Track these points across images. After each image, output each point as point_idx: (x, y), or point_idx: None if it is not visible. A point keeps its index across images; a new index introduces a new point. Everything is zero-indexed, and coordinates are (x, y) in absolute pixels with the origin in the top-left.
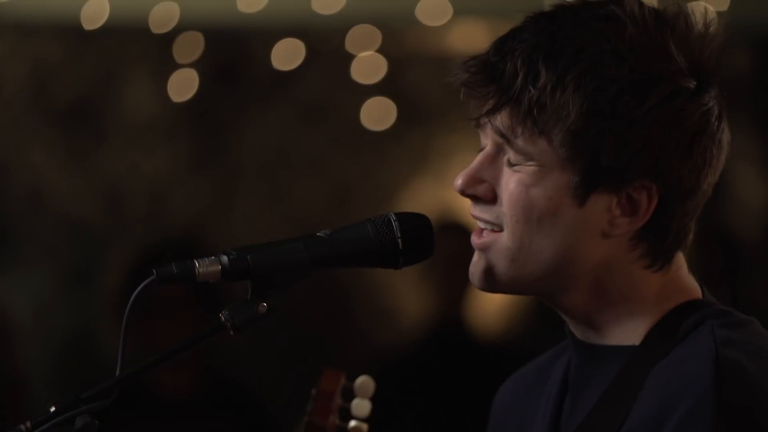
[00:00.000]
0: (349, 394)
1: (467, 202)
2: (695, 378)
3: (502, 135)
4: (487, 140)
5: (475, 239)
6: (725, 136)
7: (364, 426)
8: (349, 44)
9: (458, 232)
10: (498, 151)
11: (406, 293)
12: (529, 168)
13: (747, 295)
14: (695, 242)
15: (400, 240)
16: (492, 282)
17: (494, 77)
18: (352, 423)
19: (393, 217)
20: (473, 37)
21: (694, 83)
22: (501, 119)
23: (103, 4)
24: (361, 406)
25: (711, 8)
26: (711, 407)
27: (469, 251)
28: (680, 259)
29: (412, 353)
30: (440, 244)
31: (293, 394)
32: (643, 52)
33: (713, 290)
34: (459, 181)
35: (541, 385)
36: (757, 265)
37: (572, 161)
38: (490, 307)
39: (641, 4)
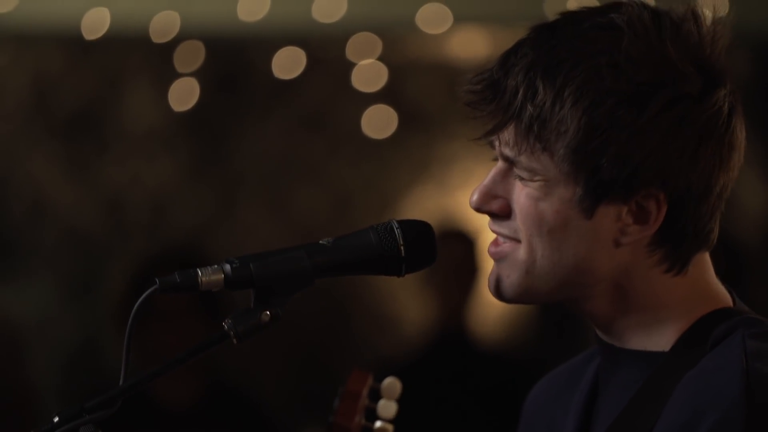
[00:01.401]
0: (375, 395)
1: (468, 209)
2: (724, 390)
3: (509, 152)
4: (499, 156)
5: (491, 249)
6: (737, 134)
7: (390, 427)
8: (350, 52)
9: (460, 239)
10: (509, 166)
11: (408, 300)
12: (536, 183)
13: (750, 300)
14: None
15: (402, 247)
16: (508, 292)
17: (497, 95)
18: (378, 424)
19: (395, 225)
20: (473, 44)
21: (700, 86)
22: (506, 136)
23: (103, 14)
24: (388, 407)
25: (709, 14)
26: (740, 420)
27: (470, 258)
28: (705, 263)
29: (414, 360)
30: (443, 251)
31: (295, 402)
32: (641, 61)
33: None
34: (474, 198)
35: (572, 387)
36: (759, 269)
37: (575, 176)
38: (492, 314)
39: (643, 9)
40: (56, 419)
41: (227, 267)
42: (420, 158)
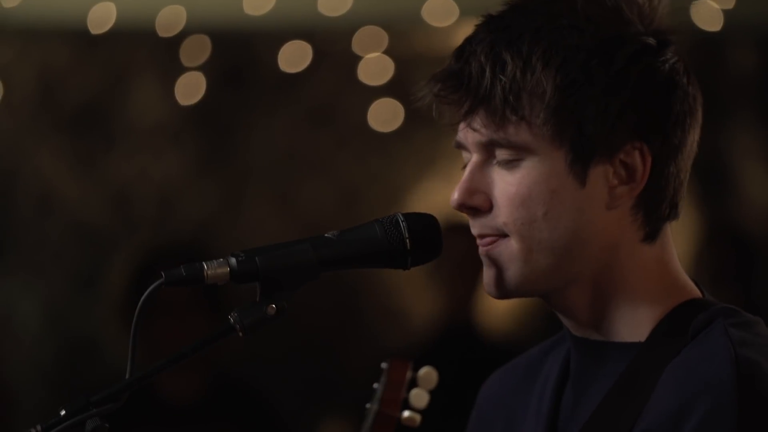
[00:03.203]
0: (410, 384)
1: None
2: (715, 378)
3: (483, 136)
4: (472, 152)
5: (482, 249)
6: (698, 91)
7: (418, 417)
8: (356, 46)
9: (466, 233)
10: (486, 157)
11: (415, 294)
12: (523, 162)
13: (759, 293)
14: (706, 241)
15: (408, 240)
16: (507, 288)
17: (462, 81)
18: (406, 413)
19: (401, 218)
20: None
21: (654, 42)
22: (479, 120)
23: (109, 8)
24: (420, 396)
25: (717, 6)
26: (733, 407)
27: (477, 251)
28: (670, 245)
29: (421, 354)
30: (448, 244)
31: (302, 396)
32: (599, 20)
33: (725, 289)
34: (455, 196)
35: (531, 379)
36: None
37: (559, 138)
38: (499, 307)
39: None
40: (63, 412)
41: (233, 260)
42: (426, 152)
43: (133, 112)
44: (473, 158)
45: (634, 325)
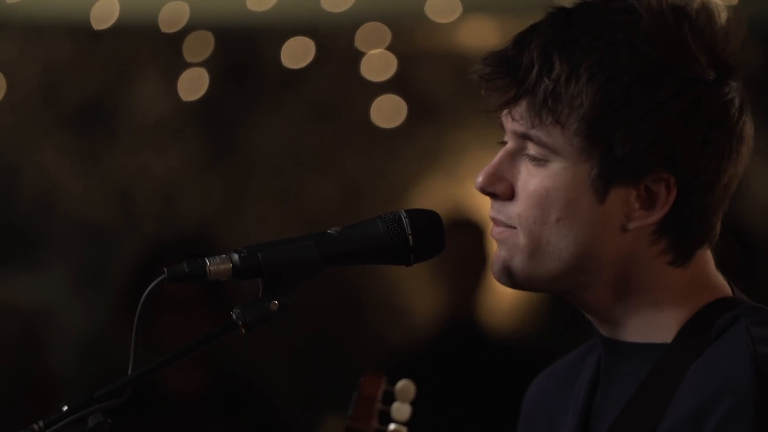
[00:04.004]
0: (389, 397)
1: (478, 199)
2: (734, 377)
3: (520, 127)
4: (508, 139)
5: (494, 230)
6: (747, 128)
7: (403, 429)
8: (359, 42)
9: (469, 229)
10: (518, 147)
11: (418, 291)
12: (549, 164)
13: (764, 289)
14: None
15: (410, 236)
16: (511, 276)
17: (511, 70)
18: (392, 426)
19: (403, 214)
20: (483, 34)
21: (713, 75)
22: (519, 111)
23: (112, 3)
24: (402, 410)
25: (720, 2)
26: (751, 406)
27: (480, 248)
28: (706, 256)
29: (423, 351)
30: (451, 241)
31: (304, 393)
32: (658, 43)
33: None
34: (479, 179)
35: (571, 382)
36: None
37: (588, 152)
38: (501, 305)
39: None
40: (65, 408)
41: (235, 256)
42: (429, 148)
43: (136, 107)
44: (507, 145)
45: (659, 326)
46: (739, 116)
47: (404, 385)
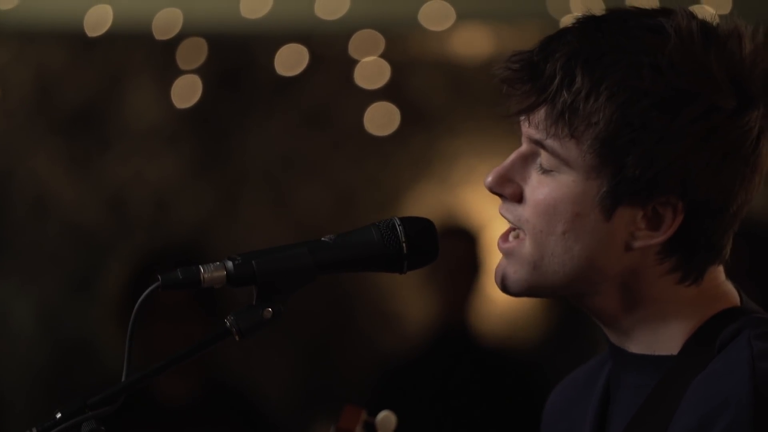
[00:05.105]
0: (371, 429)
1: (471, 206)
2: (732, 393)
3: (536, 134)
4: (523, 142)
5: (500, 243)
6: (762, 157)
7: None
8: (353, 49)
9: (462, 237)
10: (531, 152)
11: (411, 298)
12: (560, 176)
13: None
14: None
15: (404, 244)
16: (514, 287)
17: (534, 76)
18: None
19: (397, 222)
20: (476, 42)
21: (734, 103)
22: (537, 118)
23: (106, 10)
24: None
25: (712, 11)
26: (749, 422)
27: (472, 255)
28: (717, 270)
29: (416, 358)
30: (444, 248)
31: (296, 399)
32: (682, 68)
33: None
34: (489, 179)
35: (589, 390)
36: None
37: (599, 169)
38: (494, 311)
39: (692, 18)
40: (59, 415)
41: (229, 264)
42: (422, 155)
43: (129, 114)
44: (521, 148)
45: (666, 338)
46: (756, 146)
47: (385, 417)
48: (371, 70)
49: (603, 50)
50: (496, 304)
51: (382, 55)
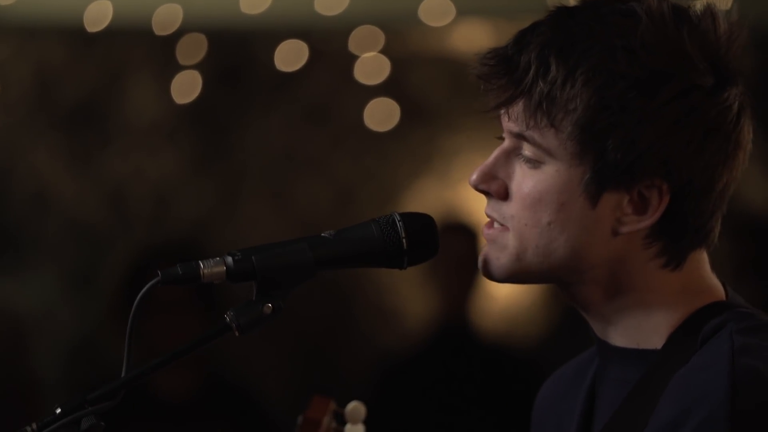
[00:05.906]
0: (342, 420)
1: (471, 202)
2: (710, 388)
3: (516, 127)
4: (505, 137)
5: (485, 230)
6: (744, 133)
7: None
8: (353, 45)
9: (462, 233)
10: (514, 146)
11: (411, 294)
12: (543, 166)
13: None
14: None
15: (404, 240)
16: (496, 272)
17: (509, 70)
18: None
19: (397, 217)
20: (476, 38)
21: (712, 81)
22: (516, 111)
23: (106, 6)
24: (354, 431)
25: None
26: (724, 418)
27: (472, 251)
28: (701, 258)
29: (416, 354)
30: (444, 244)
31: (295, 396)
32: (656, 49)
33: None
34: (474, 177)
35: (578, 384)
36: None
37: (581, 156)
38: (494, 308)
39: (663, 1)
40: (58, 410)
41: (229, 259)
42: (422, 151)
43: (129, 110)
44: (503, 144)
45: (649, 331)
46: (737, 122)
47: (354, 407)
48: (371, 65)
49: (576, 38)
50: (497, 300)
51: (382, 51)
